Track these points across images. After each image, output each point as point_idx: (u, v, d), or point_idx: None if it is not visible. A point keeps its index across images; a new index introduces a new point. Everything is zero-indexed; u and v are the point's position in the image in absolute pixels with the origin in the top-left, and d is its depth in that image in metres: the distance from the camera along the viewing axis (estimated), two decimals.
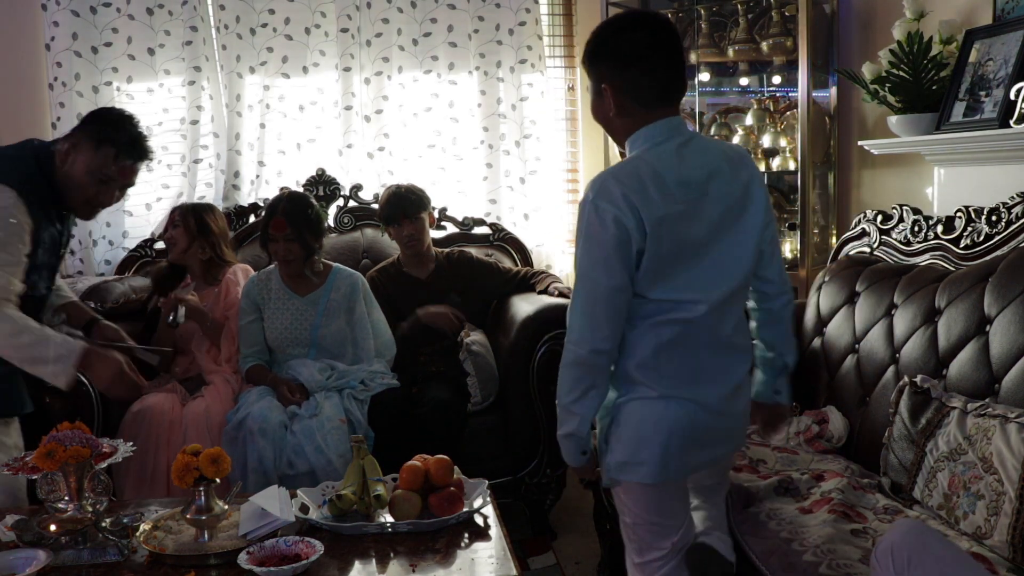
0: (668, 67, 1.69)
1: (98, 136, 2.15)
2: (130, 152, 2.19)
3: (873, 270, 2.63)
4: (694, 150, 1.70)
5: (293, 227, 2.83)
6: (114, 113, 2.26)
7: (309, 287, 2.93)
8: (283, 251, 2.84)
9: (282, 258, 2.86)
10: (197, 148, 3.58)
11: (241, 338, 2.91)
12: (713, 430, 1.73)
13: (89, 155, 2.14)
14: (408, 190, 3.19)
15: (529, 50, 3.70)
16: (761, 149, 3.48)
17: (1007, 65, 2.51)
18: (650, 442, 1.68)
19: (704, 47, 3.60)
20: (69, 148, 2.14)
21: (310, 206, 2.92)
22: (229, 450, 2.54)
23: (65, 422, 1.91)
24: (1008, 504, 1.76)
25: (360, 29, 3.63)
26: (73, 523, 1.79)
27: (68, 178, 2.15)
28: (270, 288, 2.92)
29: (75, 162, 2.14)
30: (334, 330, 2.89)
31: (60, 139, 2.19)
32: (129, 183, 2.25)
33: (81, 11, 3.46)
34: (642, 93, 1.68)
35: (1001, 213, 2.26)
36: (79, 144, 2.15)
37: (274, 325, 2.88)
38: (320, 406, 2.69)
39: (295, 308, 2.89)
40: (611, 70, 1.69)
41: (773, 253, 1.79)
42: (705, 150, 1.72)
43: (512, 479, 3.03)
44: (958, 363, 2.17)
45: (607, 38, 1.70)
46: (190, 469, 1.83)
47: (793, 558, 1.81)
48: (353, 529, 1.90)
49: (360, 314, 2.94)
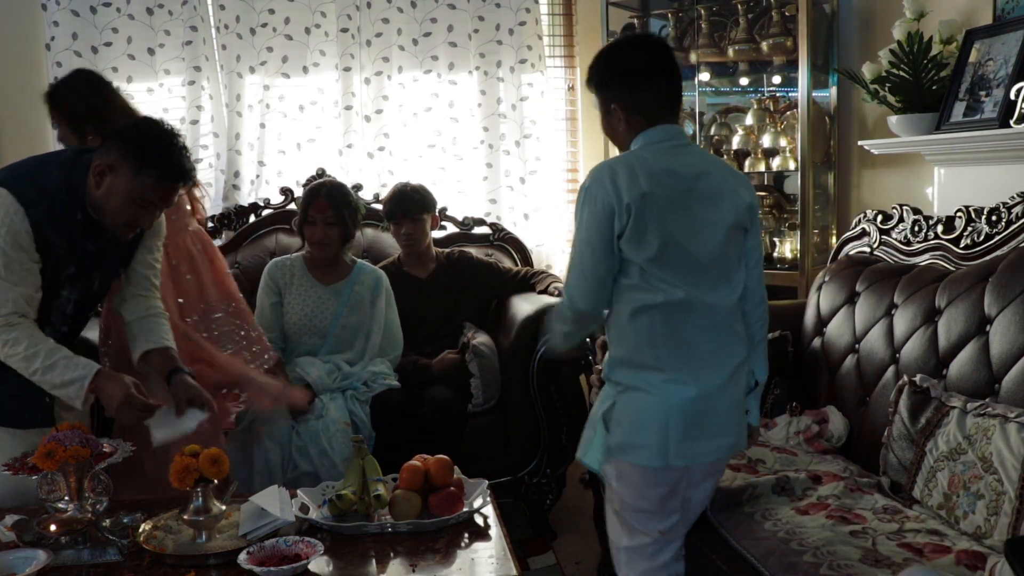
0: (669, 83, 1.85)
1: (139, 159, 1.97)
2: (174, 176, 2.04)
3: (873, 270, 2.63)
4: (687, 152, 1.85)
5: (335, 210, 2.85)
6: (155, 131, 2.05)
7: (334, 277, 2.93)
8: (321, 234, 2.85)
9: (319, 240, 2.85)
10: (197, 148, 3.58)
11: (258, 320, 2.83)
12: (712, 413, 1.77)
13: (128, 180, 1.97)
14: (414, 189, 3.19)
15: (529, 50, 3.70)
16: (761, 149, 3.48)
17: (1007, 65, 2.51)
18: (650, 425, 1.75)
19: (704, 47, 3.59)
20: (105, 168, 1.98)
21: (351, 194, 2.99)
22: (237, 453, 2.55)
23: (65, 422, 1.91)
24: (1008, 504, 1.77)
25: (360, 29, 3.63)
26: (73, 523, 1.79)
27: (106, 199, 1.99)
28: (293, 274, 2.91)
29: (113, 185, 1.97)
30: (353, 323, 2.89)
31: (96, 151, 2.02)
32: (170, 203, 2.11)
33: (81, 11, 3.46)
34: (649, 108, 1.84)
35: (1001, 213, 2.26)
36: (118, 166, 1.97)
37: (294, 311, 2.87)
38: (325, 408, 2.69)
39: (317, 296, 2.89)
40: (620, 91, 1.85)
41: (753, 263, 1.88)
42: (699, 155, 1.89)
43: (512, 479, 3.03)
44: (958, 363, 2.17)
45: (613, 62, 1.87)
46: (190, 470, 1.83)
47: (793, 558, 1.81)
48: (353, 529, 1.90)
49: (380, 309, 2.95)
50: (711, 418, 1.77)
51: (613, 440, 1.79)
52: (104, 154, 2.00)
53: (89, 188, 2.00)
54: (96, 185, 1.99)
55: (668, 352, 1.76)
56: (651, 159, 1.77)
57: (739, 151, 3.55)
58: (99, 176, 1.99)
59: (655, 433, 1.74)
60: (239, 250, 3.55)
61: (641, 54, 1.85)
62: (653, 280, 1.75)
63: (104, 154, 2.00)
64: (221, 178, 3.65)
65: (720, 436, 1.80)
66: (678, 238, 1.74)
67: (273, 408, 2.58)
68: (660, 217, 1.72)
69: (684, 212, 1.75)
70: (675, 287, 1.74)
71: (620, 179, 1.73)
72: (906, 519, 1.95)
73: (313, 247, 2.90)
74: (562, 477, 3.08)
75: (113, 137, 2.03)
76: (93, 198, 2.01)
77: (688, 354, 1.76)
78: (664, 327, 1.75)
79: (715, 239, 1.77)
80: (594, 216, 1.74)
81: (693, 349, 1.76)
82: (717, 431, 1.79)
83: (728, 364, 1.79)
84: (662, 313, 1.75)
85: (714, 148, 3.64)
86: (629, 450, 1.78)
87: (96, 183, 1.99)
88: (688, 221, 1.75)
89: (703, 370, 1.76)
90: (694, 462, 1.78)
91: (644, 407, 1.76)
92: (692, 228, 1.76)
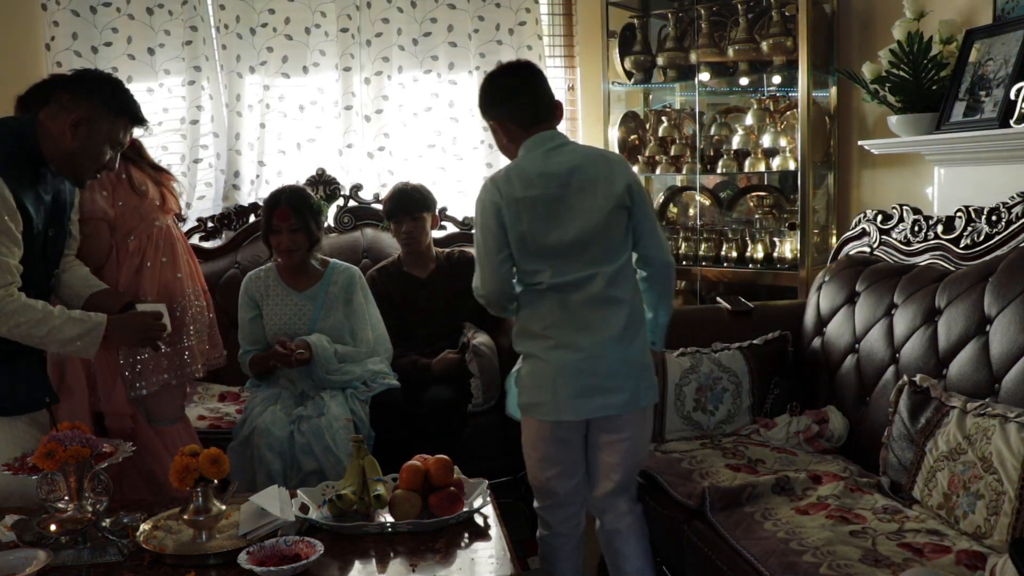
0: (532, 95, 2.17)
1: (116, 106, 2.14)
2: (140, 119, 2.23)
3: (873, 270, 2.63)
4: (561, 152, 2.13)
5: (298, 216, 2.84)
6: (112, 79, 2.24)
7: (307, 282, 2.93)
8: (288, 242, 2.84)
9: (286, 249, 2.85)
10: (197, 148, 3.58)
11: (242, 335, 2.91)
12: (596, 374, 2.08)
13: (109, 124, 2.13)
14: (414, 188, 3.19)
15: (529, 50, 3.70)
16: (761, 149, 3.48)
17: (1007, 65, 2.51)
18: (543, 386, 2.11)
19: (704, 47, 3.59)
20: (82, 119, 2.09)
21: (310, 196, 2.97)
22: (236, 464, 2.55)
23: (65, 422, 1.91)
24: (1008, 504, 1.77)
25: (360, 29, 3.63)
26: (73, 523, 1.79)
27: (83, 147, 2.11)
28: (268, 284, 2.92)
29: (92, 132, 2.11)
30: (332, 323, 2.90)
31: (46, 110, 2.11)
32: (124, 146, 2.26)
33: (81, 11, 3.46)
34: (519, 119, 2.15)
35: (1001, 213, 2.26)
36: (94, 115, 2.11)
37: (272, 322, 2.88)
38: (327, 405, 2.69)
39: (293, 303, 2.90)
40: (493, 109, 2.19)
41: (645, 233, 2.15)
42: (571, 152, 2.15)
43: (512, 479, 3.03)
44: (958, 363, 2.17)
45: (485, 87, 2.22)
46: (190, 470, 1.83)
47: (793, 558, 1.81)
48: (353, 529, 1.90)
49: (358, 305, 2.94)
50: (596, 378, 2.08)
51: (521, 400, 2.17)
52: (73, 107, 2.10)
53: (55, 142, 2.10)
54: (72, 137, 2.09)
55: (552, 323, 2.10)
56: (526, 165, 2.10)
57: (739, 151, 3.55)
58: (74, 127, 2.09)
59: (548, 390, 2.10)
60: (239, 250, 3.55)
61: (504, 77, 2.20)
62: (528, 267, 2.10)
63: (73, 107, 2.10)
64: (221, 178, 3.65)
65: (611, 394, 2.09)
66: (534, 231, 2.07)
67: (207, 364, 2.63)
68: (516, 216, 2.06)
69: (553, 206, 2.08)
70: (542, 271, 2.08)
71: (500, 186, 2.08)
72: (906, 519, 1.95)
73: (281, 255, 2.89)
74: None
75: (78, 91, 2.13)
76: (63, 150, 2.11)
77: (568, 323, 2.09)
78: (546, 303, 2.10)
79: (591, 224, 2.07)
80: (486, 217, 2.08)
81: (571, 318, 2.09)
82: (607, 388, 2.08)
83: (609, 327, 2.09)
84: (539, 292, 2.10)
85: (714, 148, 3.65)
86: (532, 409, 2.15)
87: (71, 135, 2.09)
88: (554, 214, 2.08)
89: (583, 335, 2.08)
90: (587, 416, 2.10)
91: (537, 369, 2.13)
92: (556, 220, 2.08)
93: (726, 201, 3.90)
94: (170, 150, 3.60)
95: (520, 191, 2.07)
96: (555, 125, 2.20)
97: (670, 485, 2.30)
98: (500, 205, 2.07)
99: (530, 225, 2.07)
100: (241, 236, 3.59)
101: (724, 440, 2.57)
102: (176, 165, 3.61)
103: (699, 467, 2.36)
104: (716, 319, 2.93)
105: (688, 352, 2.71)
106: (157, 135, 3.57)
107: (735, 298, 3.00)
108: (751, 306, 2.95)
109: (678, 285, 3.19)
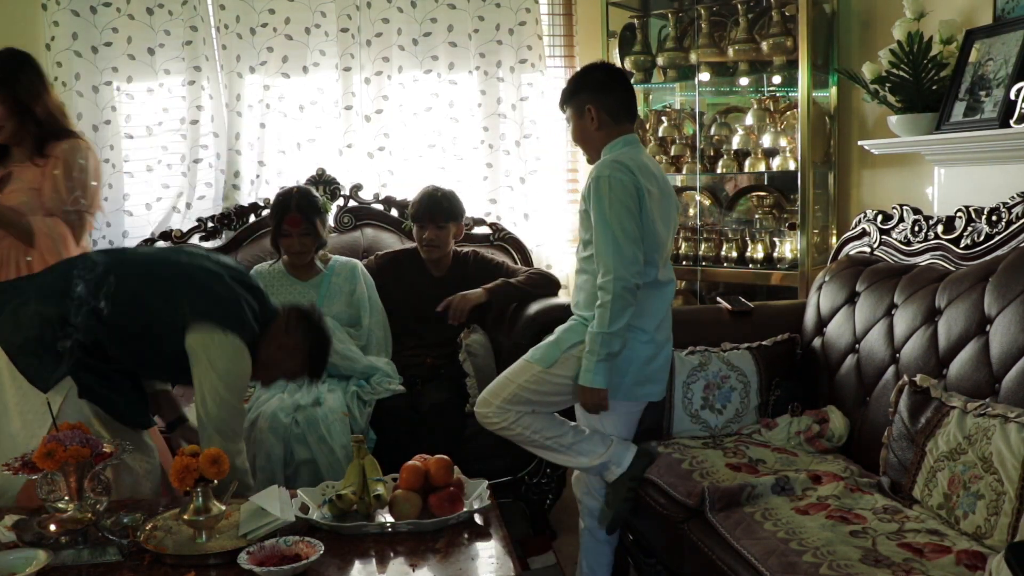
0: (630, 93, 2.37)
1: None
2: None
3: (873, 270, 2.63)
4: (649, 156, 2.37)
5: (308, 221, 2.95)
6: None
7: (312, 274, 3.06)
8: (298, 245, 2.97)
9: (296, 251, 2.96)
10: (197, 148, 3.58)
11: None
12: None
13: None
14: (444, 196, 3.15)
15: (529, 50, 3.70)
16: (761, 149, 3.48)
17: (1007, 65, 2.51)
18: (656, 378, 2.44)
19: (704, 47, 3.59)
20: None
21: (318, 199, 3.09)
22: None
23: (65, 422, 1.91)
24: (1008, 504, 1.77)
25: (360, 29, 3.63)
26: (73, 523, 1.79)
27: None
28: (274, 276, 3.04)
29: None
30: (335, 312, 2.98)
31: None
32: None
33: (81, 11, 3.46)
34: (614, 110, 2.33)
35: (1001, 213, 2.26)
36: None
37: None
38: (323, 397, 2.71)
39: (297, 291, 3.02)
40: (592, 93, 2.33)
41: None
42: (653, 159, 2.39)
43: (512, 479, 3.03)
44: (958, 363, 2.17)
45: (586, 74, 2.39)
46: (190, 470, 1.83)
47: (793, 558, 1.81)
48: (353, 529, 1.90)
49: (360, 294, 3.05)
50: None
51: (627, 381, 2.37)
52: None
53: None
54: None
55: (664, 318, 2.42)
56: (646, 161, 2.26)
57: (739, 151, 3.55)
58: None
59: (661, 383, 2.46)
60: (239, 250, 3.55)
61: (606, 69, 2.39)
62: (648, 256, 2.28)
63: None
64: (221, 178, 3.65)
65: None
66: (654, 224, 2.27)
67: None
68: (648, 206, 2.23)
69: (663, 205, 2.32)
70: (654, 265, 2.32)
71: (636, 172, 2.20)
72: (906, 519, 1.95)
73: (291, 256, 3.03)
74: (562, 477, 3.08)
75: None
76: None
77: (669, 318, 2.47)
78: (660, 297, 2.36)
79: (671, 231, 2.36)
80: (627, 195, 2.18)
81: (669, 315, 2.48)
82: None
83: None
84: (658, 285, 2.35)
85: (714, 148, 3.64)
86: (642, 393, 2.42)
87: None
88: (663, 213, 2.32)
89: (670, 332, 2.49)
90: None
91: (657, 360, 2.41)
92: (664, 219, 2.34)
93: (726, 201, 3.90)
94: (170, 150, 3.61)
95: (644, 182, 2.19)
96: (633, 130, 2.38)
97: (670, 485, 2.30)
98: (641, 189, 2.18)
99: (653, 216, 2.21)
100: (241, 236, 3.59)
101: (726, 440, 2.57)
102: (176, 165, 3.61)
103: (699, 467, 2.35)
104: (716, 319, 2.93)
105: (697, 350, 2.70)
106: (157, 135, 3.57)
107: (735, 298, 3.00)
108: (751, 306, 2.95)
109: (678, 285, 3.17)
